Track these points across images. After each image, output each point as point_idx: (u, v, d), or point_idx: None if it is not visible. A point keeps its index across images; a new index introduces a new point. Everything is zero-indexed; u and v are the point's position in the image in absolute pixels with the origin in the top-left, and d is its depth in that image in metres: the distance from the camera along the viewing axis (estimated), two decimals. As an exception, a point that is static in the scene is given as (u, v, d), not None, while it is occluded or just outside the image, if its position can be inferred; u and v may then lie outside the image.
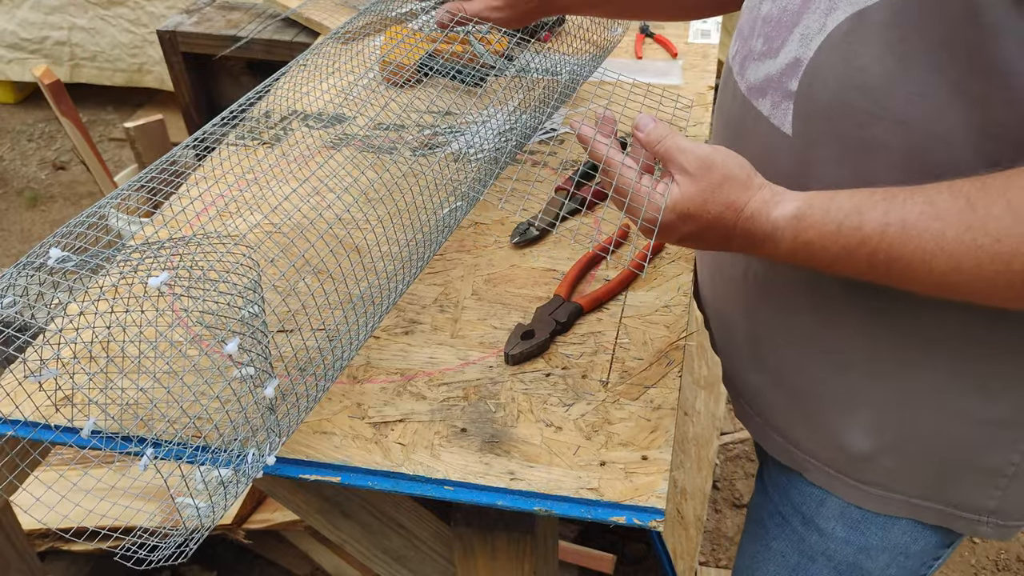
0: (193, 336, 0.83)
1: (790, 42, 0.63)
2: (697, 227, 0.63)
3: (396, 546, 0.98)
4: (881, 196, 0.57)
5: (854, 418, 0.71)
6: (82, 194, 2.99)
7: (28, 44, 3.12)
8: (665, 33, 1.46)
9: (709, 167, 0.62)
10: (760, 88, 0.67)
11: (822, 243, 0.59)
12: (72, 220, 0.67)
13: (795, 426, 0.76)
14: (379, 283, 0.77)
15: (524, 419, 0.76)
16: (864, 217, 0.56)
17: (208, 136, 0.79)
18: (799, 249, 0.60)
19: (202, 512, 0.64)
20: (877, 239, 0.56)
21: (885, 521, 0.75)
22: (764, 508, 0.87)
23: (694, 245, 0.66)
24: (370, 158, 1.06)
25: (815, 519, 0.79)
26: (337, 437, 0.75)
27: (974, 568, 1.77)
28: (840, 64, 0.59)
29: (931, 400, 0.67)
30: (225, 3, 2.11)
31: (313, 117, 1.17)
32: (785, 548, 0.84)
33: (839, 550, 0.79)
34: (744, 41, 0.70)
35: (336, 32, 0.98)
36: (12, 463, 0.74)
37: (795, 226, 0.60)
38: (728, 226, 0.62)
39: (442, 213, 0.85)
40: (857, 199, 0.58)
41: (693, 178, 0.62)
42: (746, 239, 0.62)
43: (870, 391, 0.69)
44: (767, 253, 0.62)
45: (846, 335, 0.69)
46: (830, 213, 0.58)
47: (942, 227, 0.53)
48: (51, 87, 2.01)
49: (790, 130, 0.64)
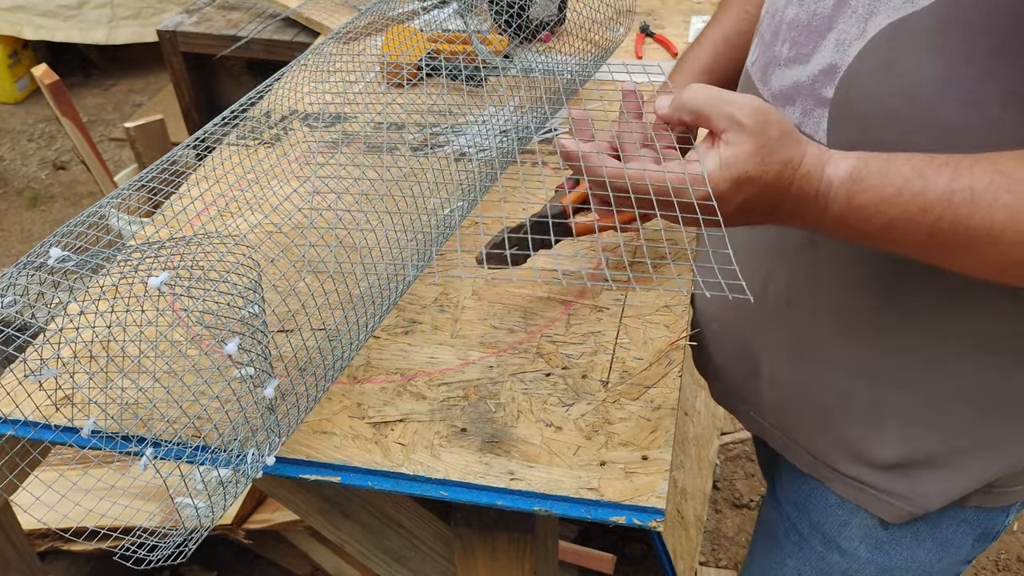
0: (193, 336, 0.83)
1: (823, 48, 0.60)
2: (751, 194, 0.55)
3: (396, 546, 0.98)
4: (943, 161, 0.52)
5: (881, 430, 0.70)
6: (82, 194, 2.99)
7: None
8: (665, 33, 1.46)
9: (767, 119, 0.55)
10: (787, 95, 0.64)
11: (878, 207, 0.53)
12: (72, 220, 0.67)
13: (819, 438, 0.75)
14: (379, 283, 0.77)
15: (524, 419, 0.76)
16: (928, 182, 0.52)
17: (208, 136, 0.79)
18: (851, 214, 0.55)
19: (201, 512, 0.64)
20: (942, 207, 0.51)
21: (911, 542, 0.74)
22: (779, 525, 0.85)
23: (738, 221, 0.58)
24: (371, 158, 1.06)
25: (837, 539, 0.78)
26: (337, 437, 0.75)
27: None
28: (883, 71, 0.56)
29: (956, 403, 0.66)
30: (225, 3, 2.11)
31: (313, 117, 1.17)
32: (802, 567, 0.83)
33: (861, 570, 0.78)
34: (767, 47, 0.67)
35: (337, 32, 0.98)
36: (12, 462, 0.74)
37: (849, 188, 0.54)
38: (784, 186, 0.55)
39: (443, 213, 0.85)
40: (917, 162, 0.53)
41: (749, 133, 0.54)
42: (798, 202, 0.56)
43: (897, 401, 0.68)
44: (815, 217, 0.56)
45: (869, 349, 0.67)
46: (888, 176, 0.53)
47: (1015, 199, 0.50)
48: (51, 87, 2.01)
49: (824, 139, 0.61)
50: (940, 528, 0.74)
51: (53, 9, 3.21)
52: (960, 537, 0.74)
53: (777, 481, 0.86)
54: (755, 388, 0.80)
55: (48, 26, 3.24)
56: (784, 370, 0.75)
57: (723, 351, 0.84)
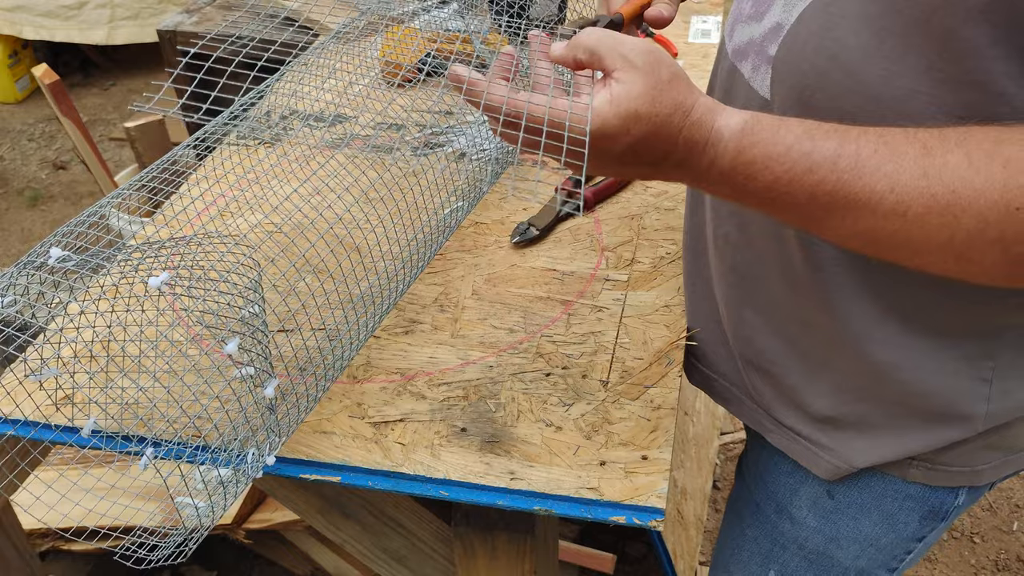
0: (193, 336, 0.83)
1: (775, 6, 0.62)
2: (641, 134, 0.54)
3: (396, 546, 0.98)
4: (832, 128, 0.53)
5: (816, 382, 0.71)
6: (82, 194, 2.99)
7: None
8: (665, 33, 1.45)
9: (658, 60, 0.55)
10: (743, 51, 0.66)
11: (765, 163, 0.53)
12: (72, 220, 0.67)
13: (764, 388, 0.77)
14: (379, 283, 0.77)
15: (524, 419, 0.76)
16: (816, 144, 0.52)
17: (208, 136, 0.79)
18: (739, 168, 0.54)
19: (201, 512, 0.64)
20: (827, 169, 0.52)
21: (856, 512, 0.76)
22: (741, 498, 0.88)
23: (624, 170, 0.58)
24: (371, 158, 1.06)
25: (788, 507, 0.80)
26: (337, 437, 0.75)
27: (974, 568, 1.77)
28: (819, 34, 0.57)
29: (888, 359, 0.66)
30: (225, 3, 2.11)
31: (314, 117, 1.17)
32: (758, 535, 0.85)
33: (810, 538, 0.80)
34: (737, 4, 0.70)
35: (337, 32, 0.98)
36: (12, 462, 0.74)
37: (739, 141, 0.54)
38: (673, 132, 0.54)
39: (443, 213, 0.85)
40: (808, 125, 0.53)
41: (640, 71, 0.54)
42: (686, 150, 0.55)
43: (832, 356, 0.69)
44: (702, 170, 0.56)
45: (803, 300, 0.68)
46: (779, 133, 0.53)
47: (895, 168, 0.50)
48: (51, 87, 2.01)
49: (768, 94, 0.63)
50: (884, 501, 0.75)
51: (53, 9, 3.22)
52: (905, 513, 0.75)
53: (743, 456, 0.89)
54: (718, 338, 0.80)
55: (48, 26, 3.24)
56: (735, 315, 0.76)
57: (694, 303, 0.84)
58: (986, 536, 1.83)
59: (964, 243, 0.50)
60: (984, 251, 0.50)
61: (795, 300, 0.69)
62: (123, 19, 3.25)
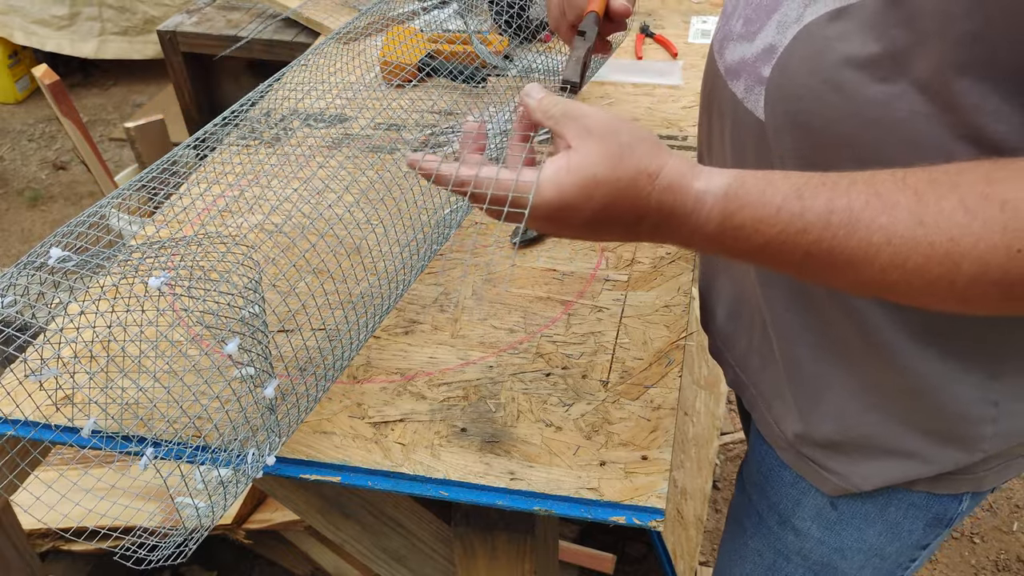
0: (193, 336, 0.83)
1: (768, 27, 0.62)
2: (605, 198, 0.54)
3: (396, 546, 0.98)
4: (820, 181, 0.52)
5: (820, 405, 0.71)
6: (82, 194, 2.99)
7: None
8: (665, 33, 1.46)
9: (616, 128, 0.55)
10: (735, 70, 0.66)
11: (755, 227, 0.52)
12: (72, 220, 0.67)
13: (778, 402, 0.76)
14: (379, 283, 0.77)
15: (524, 419, 0.76)
16: (806, 203, 0.51)
17: (209, 136, 0.79)
18: (728, 233, 0.53)
19: (202, 512, 0.64)
20: (820, 227, 0.51)
21: (860, 522, 0.75)
22: (742, 507, 0.87)
23: (600, 235, 0.57)
24: (371, 158, 1.06)
25: (791, 519, 0.79)
26: (337, 437, 0.75)
27: (974, 568, 1.77)
28: (813, 57, 0.57)
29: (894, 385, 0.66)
30: (225, 3, 2.11)
31: (314, 117, 1.17)
32: (761, 547, 0.84)
33: (814, 550, 0.79)
34: (726, 20, 0.69)
35: (337, 32, 0.98)
36: (12, 462, 0.74)
37: (724, 205, 0.53)
38: (642, 196, 0.53)
39: (443, 213, 0.85)
40: (795, 180, 0.53)
41: (597, 138, 0.54)
42: (661, 215, 0.54)
43: (840, 378, 0.69)
44: (685, 235, 0.55)
45: (812, 320, 0.68)
46: (766, 195, 0.52)
47: (890, 220, 0.50)
48: (51, 87, 2.01)
49: (762, 116, 0.63)
50: (889, 511, 0.74)
51: (46, 18, 3.21)
52: (910, 521, 0.75)
53: (744, 465, 0.88)
54: (745, 343, 0.80)
55: (40, 33, 3.24)
56: (761, 326, 0.76)
57: (723, 302, 0.83)
58: (986, 536, 1.83)
59: (966, 287, 0.49)
60: (987, 291, 0.49)
61: (807, 318, 0.68)
62: (112, 34, 3.25)
